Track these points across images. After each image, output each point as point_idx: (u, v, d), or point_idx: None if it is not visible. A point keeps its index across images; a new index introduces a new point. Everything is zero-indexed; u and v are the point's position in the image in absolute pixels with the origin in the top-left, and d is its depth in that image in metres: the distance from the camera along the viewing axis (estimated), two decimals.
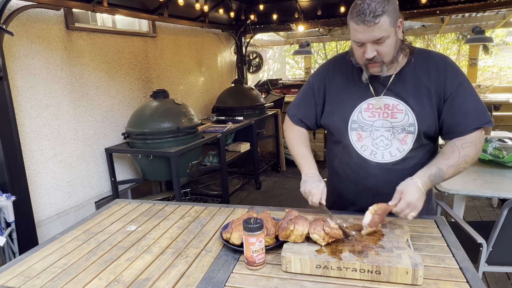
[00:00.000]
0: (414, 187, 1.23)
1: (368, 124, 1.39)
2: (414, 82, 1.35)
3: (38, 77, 2.77)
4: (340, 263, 1.06)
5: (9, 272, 1.23)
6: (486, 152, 2.44)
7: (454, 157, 1.30)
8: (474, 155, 1.31)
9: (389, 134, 1.37)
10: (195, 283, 1.10)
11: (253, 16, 5.04)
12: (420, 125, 1.34)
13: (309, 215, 1.34)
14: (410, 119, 1.34)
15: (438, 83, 1.33)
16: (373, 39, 1.23)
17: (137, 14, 3.55)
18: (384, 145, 1.38)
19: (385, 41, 1.24)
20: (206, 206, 1.73)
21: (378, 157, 1.38)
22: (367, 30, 1.21)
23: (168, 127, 3.14)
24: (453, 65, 1.37)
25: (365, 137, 1.39)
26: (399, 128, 1.36)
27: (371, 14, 1.18)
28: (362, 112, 1.39)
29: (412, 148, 1.36)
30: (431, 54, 1.40)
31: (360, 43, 1.26)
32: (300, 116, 1.56)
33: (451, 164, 1.29)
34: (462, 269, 1.09)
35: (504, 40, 9.94)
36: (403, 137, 1.36)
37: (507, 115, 5.43)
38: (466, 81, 1.34)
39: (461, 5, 4.32)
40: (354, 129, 1.41)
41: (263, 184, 4.88)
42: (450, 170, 1.29)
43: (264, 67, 7.11)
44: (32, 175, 2.74)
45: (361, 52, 1.28)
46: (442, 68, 1.34)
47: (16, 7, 2.46)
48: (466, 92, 1.32)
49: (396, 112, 1.35)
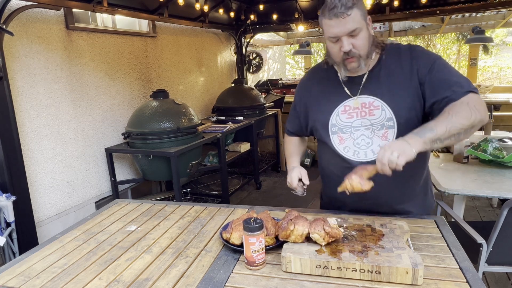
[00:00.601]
0: (393, 141, 1.19)
1: (347, 126, 1.41)
2: (387, 77, 1.36)
3: (38, 77, 2.77)
4: (340, 263, 1.06)
5: (9, 272, 1.23)
6: (486, 152, 2.44)
7: (442, 116, 1.21)
8: (469, 111, 1.19)
9: (369, 132, 1.38)
10: (195, 283, 1.10)
11: (253, 16, 5.04)
12: (398, 119, 1.34)
13: (309, 215, 1.34)
14: (388, 114, 1.35)
15: (411, 73, 1.33)
16: (348, 31, 1.25)
17: (137, 14, 3.55)
18: (366, 143, 1.39)
19: (359, 33, 1.27)
20: (206, 206, 1.73)
21: (361, 156, 1.39)
22: (341, 22, 1.24)
23: (168, 127, 3.14)
24: (422, 50, 1.38)
25: (346, 138, 1.41)
26: (378, 125, 1.37)
27: (342, 6, 1.22)
28: (340, 115, 1.42)
29: None
30: (400, 47, 1.41)
31: (335, 38, 1.28)
32: (290, 129, 1.68)
33: (439, 120, 1.19)
34: (462, 269, 1.09)
35: (504, 40, 9.94)
36: (383, 133, 1.36)
37: (507, 115, 5.43)
38: (440, 60, 1.33)
39: (461, 5, 4.32)
40: (335, 132, 1.43)
41: (263, 184, 4.88)
42: (439, 125, 1.17)
43: (264, 67, 7.11)
44: (32, 175, 2.74)
45: (337, 48, 1.30)
46: (412, 58, 1.35)
47: (16, 7, 2.46)
48: (441, 68, 1.30)
49: (373, 109, 1.37)
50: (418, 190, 1.48)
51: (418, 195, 1.49)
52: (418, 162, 1.40)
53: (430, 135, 1.15)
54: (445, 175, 2.31)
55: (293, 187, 1.44)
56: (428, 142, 1.15)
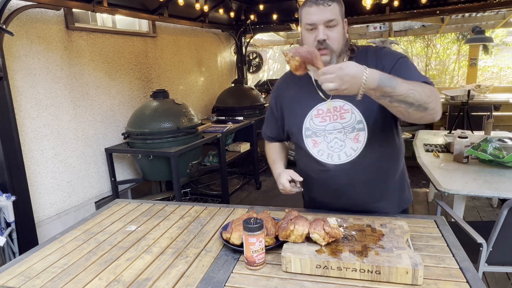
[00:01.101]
0: (353, 64, 1.12)
1: (320, 129, 1.42)
2: None
3: (38, 77, 2.77)
4: (340, 263, 1.06)
5: (9, 272, 1.23)
6: (486, 152, 2.44)
7: (410, 82, 1.16)
8: (431, 93, 1.16)
9: (342, 135, 1.40)
10: (195, 283, 1.10)
11: (253, 16, 5.04)
12: (367, 121, 1.37)
13: (309, 215, 1.34)
14: (357, 117, 1.37)
15: None
16: (326, 20, 1.28)
17: (137, 14, 3.55)
18: (339, 146, 1.41)
19: (336, 27, 1.30)
20: (206, 206, 1.73)
21: (335, 159, 1.41)
22: (320, 10, 1.27)
23: (168, 127, 3.14)
24: (388, 51, 1.39)
25: (319, 142, 1.43)
26: (349, 128, 1.39)
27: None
28: (313, 119, 1.43)
29: (367, 144, 1.38)
30: (368, 50, 1.42)
31: (312, 25, 1.30)
32: (269, 134, 1.68)
33: (406, 82, 1.14)
34: (462, 269, 1.09)
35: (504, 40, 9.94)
36: (355, 135, 1.38)
37: (507, 115, 5.43)
38: (403, 58, 1.34)
39: (461, 5, 4.32)
40: (309, 136, 1.45)
41: (263, 184, 4.88)
42: (403, 86, 1.12)
43: (264, 67, 7.11)
44: (32, 175, 2.74)
45: (312, 37, 1.31)
46: (378, 59, 1.36)
47: (16, 7, 2.46)
48: (403, 67, 1.31)
49: (344, 112, 1.39)
50: (393, 187, 1.50)
51: (394, 193, 1.51)
52: (392, 161, 1.47)
53: (389, 85, 1.10)
54: (445, 175, 2.31)
55: (288, 191, 1.44)
56: (381, 90, 1.11)
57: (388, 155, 1.44)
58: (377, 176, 1.43)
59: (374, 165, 1.41)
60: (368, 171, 1.40)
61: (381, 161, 1.42)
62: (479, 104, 5.01)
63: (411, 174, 5.33)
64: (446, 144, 3.02)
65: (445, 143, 3.09)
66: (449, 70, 10.05)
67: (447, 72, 10.08)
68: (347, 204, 1.49)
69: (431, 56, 10.11)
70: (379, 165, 1.43)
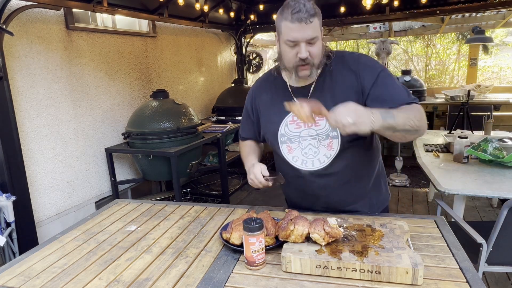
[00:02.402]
0: (351, 104, 1.15)
1: (295, 136, 1.42)
2: (331, 87, 1.37)
3: (38, 77, 2.77)
4: (340, 263, 1.06)
5: (9, 272, 1.23)
6: (486, 152, 2.44)
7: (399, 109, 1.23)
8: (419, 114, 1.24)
9: (316, 142, 1.40)
10: (195, 283, 1.10)
11: (253, 16, 5.04)
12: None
13: (309, 215, 1.34)
14: None
15: (355, 85, 1.34)
16: (308, 38, 1.25)
17: (137, 14, 3.55)
18: (313, 153, 1.41)
19: (316, 42, 1.27)
20: (206, 206, 1.73)
21: (309, 165, 1.42)
22: (303, 28, 1.23)
23: (168, 127, 3.14)
24: (367, 62, 1.37)
25: (294, 148, 1.43)
26: (323, 135, 1.39)
27: (307, 12, 1.22)
28: (288, 125, 1.43)
29: (340, 151, 1.38)
30: (345, 57, 1.40)
31: (294, 42, 1.27)
32: (245, 135, 1.67)
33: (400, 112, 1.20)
34: (462, 269, 1.09)
35: (504, 40, 9.95)
36: (328, 143, 1.38)
37: (507, 115, 5.43)
38: (383, 72, 1.34)
39: (461, 5, 4.33)
40: (284, 142, 1.44)
41: None
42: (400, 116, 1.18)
43: (264, 67, 7.10)
44: (32, 175, 2.74)
45: (293, 53, 1.29)
46: (356, 69, 1.35)
47: (16, 7, 2.46)
48: (385, 82, 1.32)
49: (318, 119, 1.38)
50: (368, 189, 1.51)
51: (370, 193, 1.52)
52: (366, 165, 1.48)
53: (390, 120, 1.16)
54: (445, 175, 2.31)
55: (257, 183, 1.40)
56: (386, 125, 1.16)
57: (361, 160, 1.45)
58: (350, 180, 1.44)
59: (347, 170, 1.41)
60: (341, 176, 1.42)
61: (354, 167, 1.43)
62: (479, 104, 5.01)
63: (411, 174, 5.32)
64: (446, 144, 3.02)
65: (445, 143, 3.09)
66: (449, 70, 10.04)
67: (447, 72, 10.08)
68: (324, 207, 1.51)
69: (431, 56, 10.11)
70: (353, 170, 1.44)
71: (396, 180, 4.61)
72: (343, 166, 1.40)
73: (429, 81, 9.57)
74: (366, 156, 1.47)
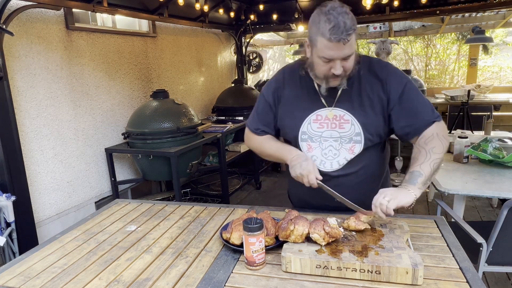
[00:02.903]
0: (387, 189, 1.26)
1: (317, 135, 1.42)
2: (358, 92, 1.38)
3: (38, 77, 2.77)
4: (340, 263, 1.06)
5: (9, 272, 1.23)
6: (486, 152, 2.44)
7: (422, 155, 1.30)
8: (441, 144, 1.31)
9: (337, 144, 1.40)
10: (195, 283, 1.10)
11: (253, 16, 5.03)
12: (366, 134, 1.38)
13: (309, 215, 1.34)
14: (357, 129, 1.38)
15: (381, 93, 1.36)
16: (344, 56, 1.24)
17: (137, 14, 3.55)
18: (332, 154, 1.42)
19: (351, 56, 1.27)
20: (206, 206, 1.73)
21: (327, 166, 1.43)
22: (340, 47, 1.21)
23: (168, 127, 3.14)
24: (394, 71, 1.40)
25: (314, 147, 1.43)
26: (346, 138, 1.39)
27: (344, 32, 1.18)
28: (311, 123, 1.43)
29: (358, 155, 1.40)
30: (372, 63, 1.41)
31: (329, 59, 1.25)
32: (262, 128, 1.56)
33: (422, 161, 1.28)
34: (462, 269, 1.09)
35: (504, 40, 9.94)
36: (350, 146, 1.39)
37: (507, 115, 5.43)
38: (409, 83, 1.37)
39: (461, 5, 4.32)
40: (304, 140, 1.44)
41: (263, 184, 4.88)
42: (424, 167, 1.27)
43: (264, 67, 7.10)
44: (32, 175, 2.74)
45: (326, 68, 1.28)
46: (383, 78, 1.37)
47: (16, 7, 2.46)
48: (411, 94, 1.36)
49: (343, 122, 1.39)
50: (378, 188, 1.50)
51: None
52: (379, 167, 1.50)
53: (420, 179, 1.25)
54: (445, 175, 2.31)
55: (312, 184, 1.35)
56: (421, 185, 1.24)
57: (376, 161, 1.48)
58: (364, 180, 1.46)
59: (363, 171, 1.44)
60: (356, 176, 1.44)
61: (369, 167, 1.46)
62: (479, 104, 5.01)
63: None
64: None
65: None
66: (449, 70, 10.04)
67: (447, 72, 10.07)
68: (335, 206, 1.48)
69: (431, 56, 10.11)
70: (368, 171, 1.46)
71: (396, 180, 4.60)
72: (359, 167, 1.43)
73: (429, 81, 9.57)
74: (380, 158, 1.50)
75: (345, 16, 1.19)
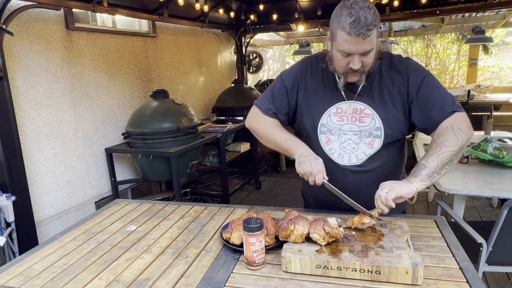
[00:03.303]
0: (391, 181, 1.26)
1: (336, 128, 1.41)
2: (379, 87, 1.38)
3: (38, 77, 2.77)
4: (340, 263, 1.06)
5: (9, 272, 1.23)
6: (486, 152, 2.44)
7: (432, 148, 1.30)
8: (454, 137, 1.28)
9: (357, 138, 1.39)
10: (195, 283, 1.10)
11: (253, 16, 5.03)
12: (386, 130, 1.37)
13: (309, 215, 1.34)
14: (377, 124, 1.37)
15: (401, 87, 1.36)
16: (363, 51, 1.23)
17: (137, 14, 3.55)
18: (351, 148, 1.40)
19: (370, 52, 1.26)
20: (206, 206, 1.73)
21: (345, 160, 1.41)
22: (360, 42, 1.20)
23: (168, 127, 3.14)
24: (413, 65, 1.39)
25: (333, 140, 1.42)
26: (366, 132, 1.38)
27: (365, 26, 1.17)
28: (331, 116, 1.42)
29: (378, 151, 1.39)
30: (393, 59, 1.41)
31: (347, 54, 1.25)
32: (274, 110, 1.49)
33: (430, 155, 1.28)
34: (462, 269, 1.09)
35: (504, 40, 9.95)
36: (370, 141, 1.38)
37: (507, 115, 5.44)
38: (428, 76, 1.36)
39: (461, 5, 4.32)
40: (323, 132, 1.43)
41: (263, 184, 4.88)
42: (431, 160, 1.26)
43: (264, 67, 7.11)
44: (32, 175, 2.74)
45: (345, 62, 1.28)
46: (403, 72, 1.37)
47: (16, 7, 2.46)
48: (430, 86, 1.34)
49: (364, 116, 1.38)
50: None
51: None
52: (397, 166, 1.49)
53: (424, 172, 1.24)
54: (445, 175, 2.31)
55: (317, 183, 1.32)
56: (425, 178, 1.25)
57: (395, 160, 1.46)
58: (381, 178, 1.40)
59: (381, 168, 1.41)
60: (374, 174, 1.41)
61: (388, 165, 1.44)
62: (479, 104, 5.02)
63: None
64: None
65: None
66: (449, 70, 10.05)
67: (447, 72, 10.08)
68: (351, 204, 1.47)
69: (431, 56, 10.12)
70: (386, 170, 1.43)
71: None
72: (378, 164, 1.41)
73: None
74: (398, 156, 1.48)
75: (366, 11, 1.18)
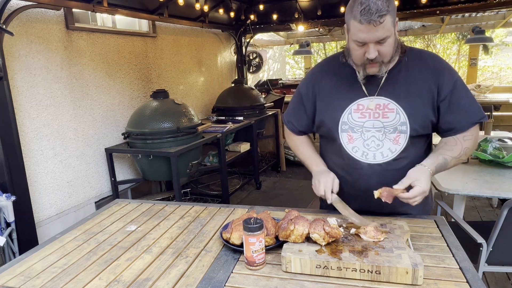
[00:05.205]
0: (427, 176, 1.25)
1: (358, 125, 1.38)
2: (406, 81, 1.35)
3: (38, 77, 2.77)
4: (340, 263, 1.06)
5: (9, 272, 1.23)
6: (486, 152, 2.44)
7: (457, 149, 1.33)
8: (472, 148, 1.37)
9: (380, 135, 1.36)
10: (195, 283, 1.10)
11: (253, 16, 5.03)
12: (412, 124, 1.33)
13: (309, 215, 1.34)
14: (402, 118, 1.33)
15: (431, 84, 1.33)
16: (377, 39, 1.21)
17: (137, 14, 3.55)
18: (376, 145, 1.37)
19: (387, 40, 1.23)
20: (206, 206, 1.73)
21: (370, 158, 1.37)
22: (372, 29, 1.18)
23: (168, 127, 3.14)
24: (446, 65, 1.38)
25: (356, 138, 1.38)
26: (390, 128, 1.35)
27: (376, 13, 1.15)
28: (352, 113, 1.38)
29: (405, 148, 1.35)
30: (424, 54, 1.40)
31: (362, 43, 1.24)
32: (298, 127, 1.58)
33: (455, 156, 1.33)
34: (462, 269, 1.09)
35: (504, 40, 9.95)
36: (395, 137, 1.35)
37: (507, 115, 5.44)
38: (460, 80, 1.36)
39: (461, 5, 4.32)
40: (345, 130, 1.39)
41: (263, 184, 4.88)
42: (453, 161, 1.33)
43: (264, 67, 7.11)
44: (32, 175, 2.74)
45: (361, 52, 1.26)
46: (435, 69, 1.34)
47: (16, 7, 2.46)
48: (461, 91, 1.34)
49: (387, 111, 1.34)
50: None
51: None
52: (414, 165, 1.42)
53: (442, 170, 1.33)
54: (445, 175, 2.31)
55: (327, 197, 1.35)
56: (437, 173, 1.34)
57: (421, 160, 1.36)
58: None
59: (408, 169, 1.31)
60: (401, 174, 1.30)
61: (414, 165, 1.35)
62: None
63: None
64: None
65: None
66: None
67: None
68: (374, 206, 1.41)
69: None
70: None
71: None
72: (404, 164, 1.36)
73: None
74: (425, 155, 1.42)
75: None
